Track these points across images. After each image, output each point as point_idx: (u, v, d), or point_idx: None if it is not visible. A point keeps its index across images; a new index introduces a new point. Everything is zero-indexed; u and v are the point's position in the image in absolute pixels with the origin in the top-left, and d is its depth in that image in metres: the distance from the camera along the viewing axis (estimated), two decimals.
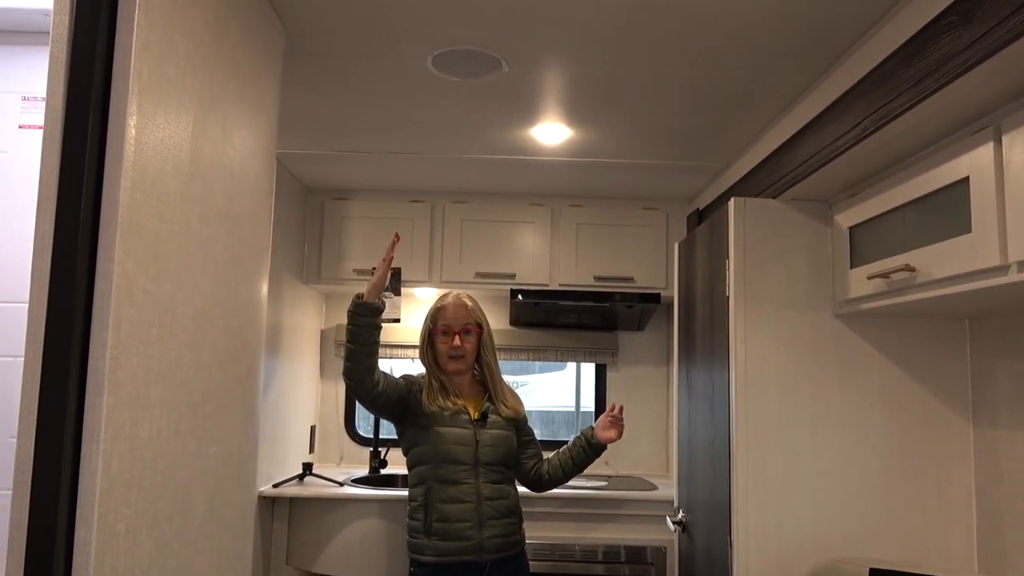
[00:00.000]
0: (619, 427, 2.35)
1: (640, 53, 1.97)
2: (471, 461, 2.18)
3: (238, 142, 1.57)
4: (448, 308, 2.31)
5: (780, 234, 2.21)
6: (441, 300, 2.36)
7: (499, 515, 2.20)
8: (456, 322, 2.28)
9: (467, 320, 2.29)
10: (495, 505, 2.19)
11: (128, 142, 1.14)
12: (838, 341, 2.18)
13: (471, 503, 2.15)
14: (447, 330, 2.28)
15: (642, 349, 3.89)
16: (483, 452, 2.20)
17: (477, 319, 2.32)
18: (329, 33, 1.91)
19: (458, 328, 2.28)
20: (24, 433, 1.05)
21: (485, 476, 2.19)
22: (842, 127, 1.85)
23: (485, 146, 2.82)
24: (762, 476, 2.12)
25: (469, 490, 2.16)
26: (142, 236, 1.18)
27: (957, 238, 1.58)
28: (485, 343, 2.33)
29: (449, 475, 2.16)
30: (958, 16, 1.40)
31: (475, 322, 2.31)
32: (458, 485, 2.16)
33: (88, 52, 1.12)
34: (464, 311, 2.30)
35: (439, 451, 2.16)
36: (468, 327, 2.29)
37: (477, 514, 2.15)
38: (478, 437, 2.21)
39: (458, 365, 2.28)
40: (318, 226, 3.48)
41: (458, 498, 2.15)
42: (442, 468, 2.16)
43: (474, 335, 2.31)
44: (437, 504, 2.14)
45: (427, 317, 2.35)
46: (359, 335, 2.13)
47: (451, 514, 2.14)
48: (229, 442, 1.56)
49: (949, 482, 2.12)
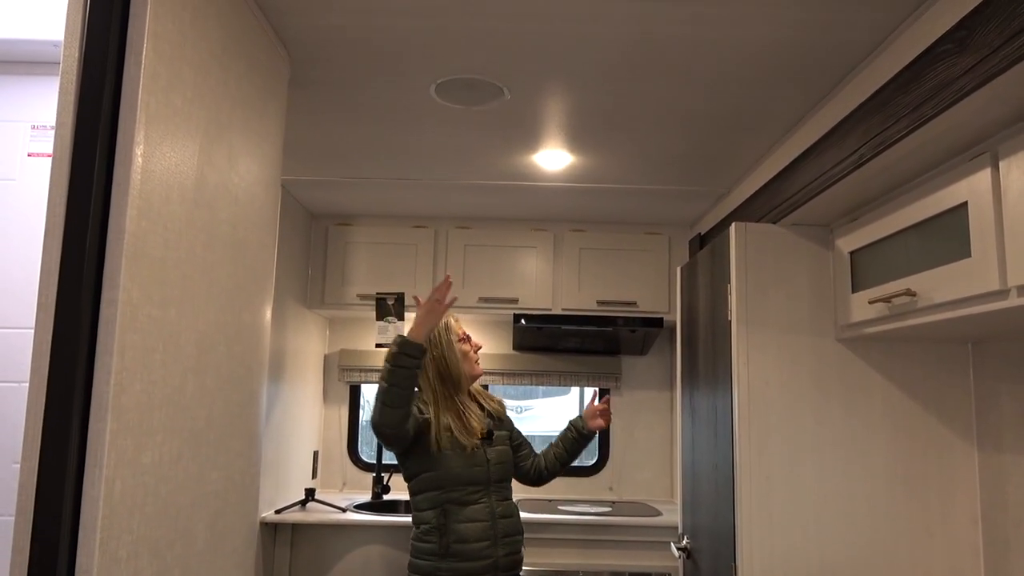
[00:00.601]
0: (607, 417, 2.47)
1: (641, 81, 1.99)
2: (484, 480, 2.18)
3: (243, 169, 1.59)
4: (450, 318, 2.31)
5: (781, 259, 2.22)
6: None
7: (512, 532, 2.22)
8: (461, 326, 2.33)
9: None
10: (508, 523, 2.22)
11: (135, 170, 1.16)
12: (841, 365, 2.18)
13: (487, 522, 2.16)
14: (464, 337, 2.30)
15: (645, 373, 3.88)
16: (494, 471, 2.22)
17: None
18: (334, 63, 1.94)
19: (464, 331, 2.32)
20: (28, 458, 1.05)
21: (497, 494, 2.22)
22: (841, 153, 1.87)
23: (488, 172, 2.84)
24: (766, 501, 2.11)
25: (484, 509, 2.16)
26: (147, 263, 1.19)
27: (957, 263, 1.58)
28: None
29: (465, 496, 2.15)
30: (953, 44, 1.42)
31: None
32: (474, 505, 2.16)
33: (97, 83, 1.14)
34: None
35: (454, 475, 2.14)
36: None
37: (493, 532, 2.16)
38: (488, 456, 2.21)
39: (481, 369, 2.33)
40: (322, 251, 3.50)
41: (474, 518, 2.15)
42: (457, 490, 2.15)
43: None
44: (454, 526, 2.12)
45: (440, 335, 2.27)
46: (402, 378, 2.04)
47: (469, 535, 2.13)
48: (231, 468, 1.56)
49: (954, 507, 2.10)
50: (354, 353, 3.81)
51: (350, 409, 3.85)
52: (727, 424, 2.21)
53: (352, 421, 3.84)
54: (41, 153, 1.88)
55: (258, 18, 1.66)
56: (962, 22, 1.40)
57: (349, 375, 3.81)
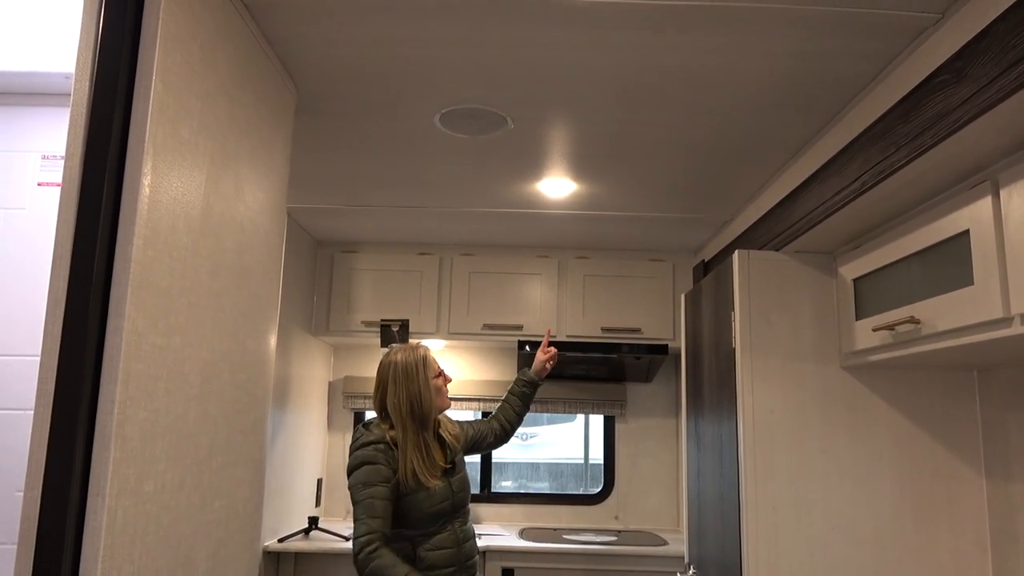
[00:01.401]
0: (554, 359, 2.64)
1: (643, 110, 2.02)
2: (450, 511, 2.20)
3: (249, 198, 1.61)
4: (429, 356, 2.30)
5: (785, 286, 2.22)
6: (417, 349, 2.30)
7: (472, 554, 2.24)
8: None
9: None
10: (469, 546, 2.24)
11: (142, 200, 1.17)
12: (846, 393, 2.17)
13: (454, 548, 2.18)
14: (439, 372, 2.30)
15: (651, 400, 3.86)
16: (458, 499, 2.24)
17: None
18: (340, 93, 1.97)
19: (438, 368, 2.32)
20: (31, 486, 1.06)
21: (460, 520, 2.24)
22: (842, 181, 1.88)
23: (492, 200, 2.86)
24: (772, 531, 2.09)
25: (450, 537, 2.18)
26: (153, 291, 1.20)
27: (960, 290, 1.58)
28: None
29: (433, 527, 2.17)
30: (951, 75, 1.43)
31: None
32: (441, 534, 2.17)
33: (106, 114, 1.17)
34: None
35: (425, 516, 2.14)
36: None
37: (459, 557, 2.18)
38: (453, 487, 2.22)
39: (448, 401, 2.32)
40: (327, 278, 3.52)
41: (442, 546, 2.16)
42: (428, 524, 2.15)
43: None
44: (423, 554, 2.13)
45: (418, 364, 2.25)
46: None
47: (438, 561, 2.14)
48: (234, 496, 1.56)
49: (963, 537, 2.08)
50: (358, 380, 3.81)
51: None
52: (732, 452, 2.20)
53: None
54: (50, 183, 1.90)
55: (265, 50, 1.69)
56: (959, 53, 1.41)
57: (353, 402, 3.81)
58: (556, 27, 1.62)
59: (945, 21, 1.50)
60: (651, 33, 1.62)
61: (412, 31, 1.65)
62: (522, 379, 2.62)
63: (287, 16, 1.61)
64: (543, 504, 3.77)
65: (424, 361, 2.26)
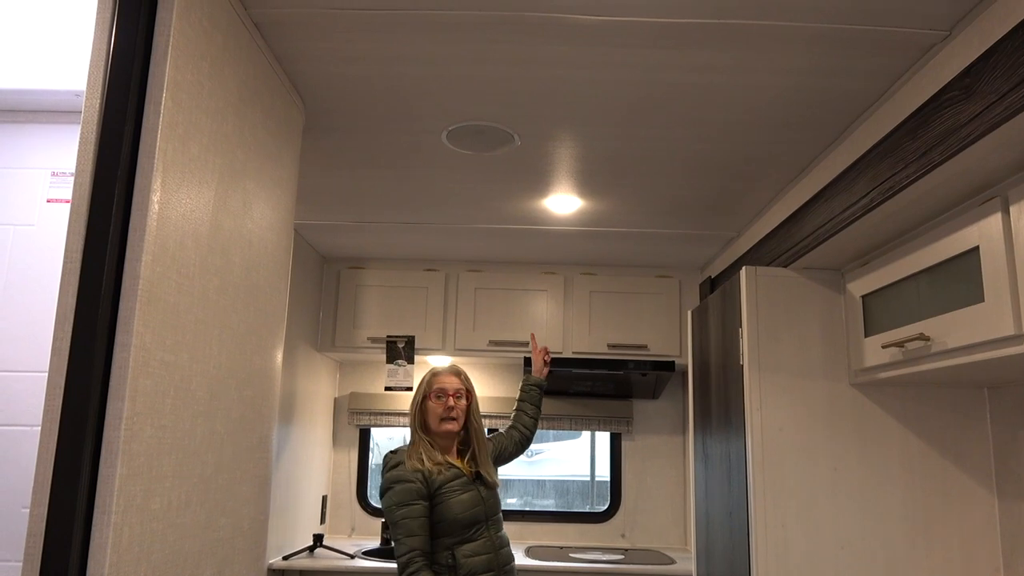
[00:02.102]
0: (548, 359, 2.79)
1: (650, 127, 2.02)
2: (484, 518, 2.29)
3: (257, 215, 1.62)
4: (442, 374, 2.43)
5: (793, 302, 2.21)
6: (433, 370, 2.46)
7: (509, 560, 2.33)
8: (450, 386, 2.39)
9: (459, 385, 2.41)
10: (505, 553, 2.33)
11: (151, 216, 1.18)
12: (855, 410, 2.15)
13: (491, 554, 2.27)
14: (441, 393, 2.38)
15: (657, 417, 3.84)
16: (489, 507, 2.32)
17: (468, 386, 2.45)
18: (347, 110, 1.98)
19: (451, 391, 2.38)
20: (37, 503, 1.05)
21: (494, 527, 2.32)
22: (850, 198, 1.87)
23: (498, 216, 2.87)
24: (782, 549, 2.07)
25: (486, 543, 2.27)
26: (161, 308, 1.20)
27: (970, 307, 1.57)
28: (474, 409, 2.45)
29: (470, 535, 2.26)
30: (959, 91, 1.43)
31: (466, 388, 2.44)
32: (478, 541, 2.27)
33: (116, 131, 1.17)
34: (456, 378, 2.43)
35: (462, 519, 2.23)
36: (460, 392, 2.40)
37: (496, 563, 2.27)
38: (483, 495, 2.31)
39: (450, 427, 2.36)
40: (333, 294, 3.52)
41: (479, 552, 2.26)
42: (464, 531, 2.25)
43: (464, 400, 2.42)
44: (463, 561, 2.22)
45: (421, 384, 2.44)
46: None
47: (477, 567, 2.23)
48: (240, 513, 1.55)
49: (975, 556, 2.05)
50: (364, 396, 3.80)
51: (359, 453, 3.82)
52: (741, 470, 2.18)
53: (361, 465, 3.81)
54: (60, 199, 1.91)
55: (273, 67, 1.70)
56: (968, 69, 1.41)
57: (359, 418, 3.80)
58: (563, 45, 1.62)
59: (952, 38, 1.50)
60: (658, 51, 1.63)
61: (419, 48, 1.66)
62: (527, 383, 2.72)
63: (295, 34, 1.62)
64: (549, 522, 3.75)
65: (428, 379, 2.41)
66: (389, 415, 3.79)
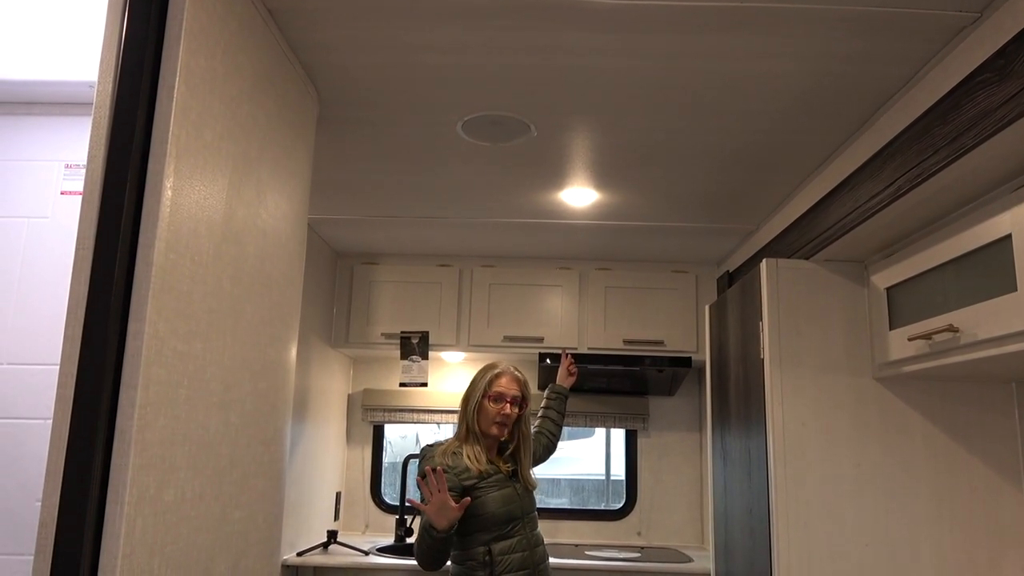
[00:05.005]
0: (575, 371, 2.85)
1: (668, 117, 1.98)
2: (520, 515, 2.30)
3: (271, 205, 1.59)
4: (505, 376, 2.39)
5: (815, 295, 2.17)
6: (495, 368, 2.42)
7: (544, 558, 2.34)
8: (509, 391, 2.37)
9: (519, 392, 2.39)
10: (541, 551, 2.34)
11: (164, 203, 1.15)
12: (879, 405, 2.10)
13: (526, 552, 2.28)
14: (499, 398, 2.35)
15: (674, 414, 3.80)
16: (525, 505, 2.33)
17: (525, 393, 2.42)
18: (362, 101, 1.96)
19: (510, 397, 2.35)
20: (49, 493, 1.03)
21: (530, 525, 2.33)
22: (876, 186, 1.83)
23: (513, 209, 2.83)
24: (804, 548, 2.03)
25: (522, 541, 2.29)
26: (174, 296, 1.18)
27: (1002, 297, 1.53)
28: (526, 418, 2.44)
29: (506, 532, 2.26)
30: (992, 73, 1.39)
31: (524, 396, 2.41)
32: (514, 538, 2.28)
33: (129, 116, 1.15)
34: (518, 384, 2.41)
35: (498, 515, 2.24)
36: (517, 399, 2.38)
37: (532, 560, 2.28)
38: (518, 492, 2.32)
39: (500, 432, 2.36)
40: (347, 290, 3.50)
41: (515, 549, 2.27)
42: (500, 527, 2.25)
43: (519, 408, 2.40)
44: (499, 558, 2.23)
45: (480, 380, 2.40)
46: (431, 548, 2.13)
47: (514, 564, 2.24)
48: (254, 508, 1.53)
49: (1004, 554, 2.00)
50: (378, 392, 3.78)
51: (373, 450, 3.80)
52: (761, 467, 2.14)
53: (375, 462, 3.79)
54: (74, 191, 1.90)
55: (288, 56, 1.68)
56: (1002, 50, 1.37)
57: (373, 415, 3.78)
58: (582, 31, 1.59)
59: (984, 20, 1.46)
60: (681, 36, 1.59)
61: (435, 37, 1.63)
62: (552, 392, 2.80)
63: (310, 22, 1.59)
64: (564, 520, 3.71)
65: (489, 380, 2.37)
66: (403, 411, 3.77)
